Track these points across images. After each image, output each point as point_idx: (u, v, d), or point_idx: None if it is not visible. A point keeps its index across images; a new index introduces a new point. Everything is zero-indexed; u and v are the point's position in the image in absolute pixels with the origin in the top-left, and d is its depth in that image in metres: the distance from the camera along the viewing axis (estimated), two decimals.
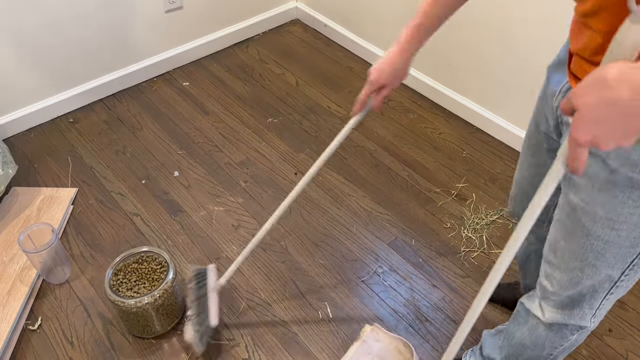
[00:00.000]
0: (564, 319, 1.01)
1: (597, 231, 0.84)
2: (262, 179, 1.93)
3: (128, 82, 2.30)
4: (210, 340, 1.46)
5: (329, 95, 2.29)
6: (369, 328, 1.39)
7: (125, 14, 2.15)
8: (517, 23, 1.79)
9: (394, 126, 2.14)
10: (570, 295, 0.97)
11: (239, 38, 2.57)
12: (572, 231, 0.88)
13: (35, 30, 1.96)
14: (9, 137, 2.09)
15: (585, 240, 0.87)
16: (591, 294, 0.95)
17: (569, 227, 0.89)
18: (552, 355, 1.14)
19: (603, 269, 0.89)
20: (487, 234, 1.75)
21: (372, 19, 2.33)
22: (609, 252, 0.86)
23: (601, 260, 0.88)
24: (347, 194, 1.89)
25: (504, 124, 2.03)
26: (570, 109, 0.62)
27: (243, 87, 2.33)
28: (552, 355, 1.14)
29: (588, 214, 0.84)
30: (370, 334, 1.37)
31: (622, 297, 1.58)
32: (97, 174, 1.95)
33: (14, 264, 1.63)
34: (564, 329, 1.04)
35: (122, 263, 1.47)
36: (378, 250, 1.71)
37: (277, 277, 1.64)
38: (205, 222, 1.79)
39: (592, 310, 0.99)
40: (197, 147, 2.06)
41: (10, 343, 1.47)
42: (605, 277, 0.91)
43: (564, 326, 1.03)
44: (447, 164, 1.99)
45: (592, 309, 0.98)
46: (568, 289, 0.95)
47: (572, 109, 0.61)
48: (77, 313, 1.56)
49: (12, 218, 1.77)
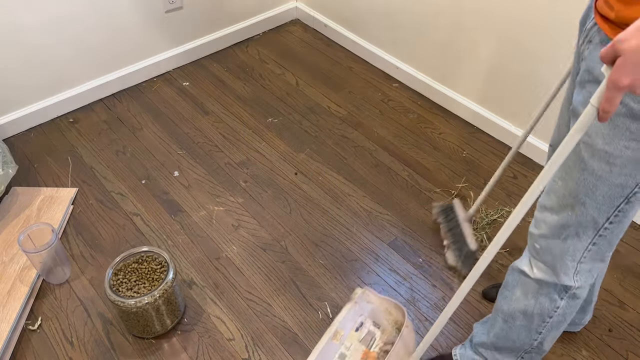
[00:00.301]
0: (549, 276, 1.06)
1: (592, 164, 0.90)
2: (262, 179, 1.93)
3: (128, 82, 2.30)
4: (473, 263, 1.54)
5: (329, 95, 2.29)
6: (360, 290, 1.43)
7: (125, 14, 2.15)
8: (517, 23, 1.79)
9: (394, 126, 2.14)
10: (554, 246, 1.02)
11: (239, 38, 2.57)
12: (570, 167, 0.94)
13: (35, 30, 1.96)
14: (9, 137, 2.09)
15: (580, 174, 0.93)
16: (574, 242, 1.00)
17: (569, 163, 0.94)
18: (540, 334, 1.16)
19: (591, 208, 0.94)
20: (487, 233, 1.75)
21: (372, 19, 2.33)
22: (599, 189, 0.92)
23: (591, 197, 0.93)
24: (347, 194, 1.89)
25: (504, 124, 2.03)
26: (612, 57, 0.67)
27: (243, 87, 2.33)
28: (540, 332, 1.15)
29: (589, 146, 0.89)
30: (362, 296, 1.41)
31: (622, 297, 1.58)
32: (97, 174, 1.95)
33: (14, 264, 1.63)
34: (552, 291, 1.08)
35: (122, 263, 1.47)
36: (378, 250, 1.71)
37: (277, 277, 1.64)
38: (205, 222, 1.79)
39: (574, 264, 1.03)
40: (197, 147, 2.06)
41: (10, 343, 1.47)
42: (591, 220, 0.96)
43: (553, 286, 1.07)
44: (447, 164, 1.99)
45: (574, 261, 1.03)
46: (555, 233, 1.01)
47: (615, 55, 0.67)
48: (77, 313, 1.56)
49: (12, 218, 1.77)
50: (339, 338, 1.35)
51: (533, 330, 1.17)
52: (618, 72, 0.67)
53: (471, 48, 1.99)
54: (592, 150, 0.89)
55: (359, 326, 1.37)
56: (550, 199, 1.01)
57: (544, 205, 1.03)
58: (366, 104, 2.24)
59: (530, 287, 1.11)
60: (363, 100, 2.26)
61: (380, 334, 1.36)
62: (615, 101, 0.69)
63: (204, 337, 1.50)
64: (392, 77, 2.36)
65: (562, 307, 1.11)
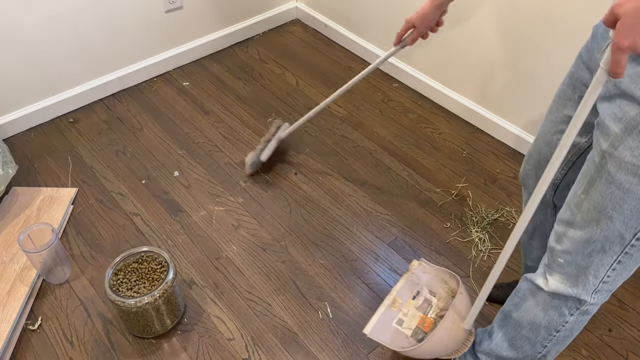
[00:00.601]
0: (566, 288, 1.04)
1: (620, 177, 0.88)
2: (262, 179, 1.93)
3: (128, 82, 2.30)
4: (257, 170, 1.93)
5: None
6: (416, 262, 1.47)
7: (125, 14, 2.15)
8: (518, 23, 1.79)
9: (394, 126, 2.14)
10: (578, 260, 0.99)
11: (239, 38, 2.57)
12: (595, 180, 0.93)
13: (35, 30, 1.96)
14: (9, 137, 2.09)
15: (607, 188, 0.91)
16: (599, 258, 0.97)
17: (593, 176, 0.93)
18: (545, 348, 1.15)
19: (618, 223, 0.92)
20: (487, 233, 1.75)
21: (373, 19, 2.33)
22: (627, 203, 0.90)
23: (618, 211, 0.91)
24: (347, 194, 1.89)
25: (504, 124, 2.03)
26: (612, 21, 0.72)
27: (243, 87, 2.33)
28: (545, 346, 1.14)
29: (615, 159, 0.88)
30: (418, 267, 1.46)
31: (622, 297, 1.58)
32: (97, 174, 1.95)
33: (14, 264, 1.63)
34: (563, 305, 1.06)
35: (122, 263, 1.47)
36: (378, 250, 1.71)
37: (277, 277, 1.64)
38: (205, 222, 1.79)
39: (595, 281, 1.01)
40: (197, 147, 2.06)
41: (10, 343, 1.47)
42: (617, 236, 0.93)
43: (565, 299, 1.05)
44: (447, 164, 1.99)
45: (596, 278, 1.00)
46: (579, 248, 0.98)
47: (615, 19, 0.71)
48: (77, 313, 1.56)
49: (12, 218, 1.77)
50: (397, 306, 1.41)
51: (538, 343, 1.15)
52: (618, 35, 0.71)
53: (471, 48, 1.99)
54: (619, 163, 0.88)
55: (415, 295, 1.42)
56: (572, 214, 0.98)
57: (566, 220, 1.00)
58: (366, 104, 2.24)
59: (542, 299, 1.09)
60: (363, 100, 2.26)
61: (437, 302, 1.41)
62: (622, 63, 0.73)
63: (204, 337, 1.50)
64: (392, 77, 2.36)
65: (571, 322, 1.09)
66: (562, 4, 1.64)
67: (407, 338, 1.35)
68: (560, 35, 1.69)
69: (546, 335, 1.12)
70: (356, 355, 1.47)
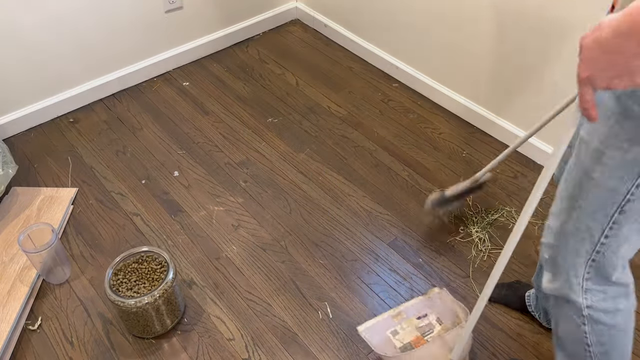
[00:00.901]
0: (555, 287, 1.03)
1: (587, 163, 0.90)
2: (262, 179, 1.93)
3: (128, 82, 2.30)
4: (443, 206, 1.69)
5: (329, 95, 2.29)
6: (437, 289, 1.46)
7: (125, 14, 2.15)
8: (518, 23, 1.79)
9: (394, 126, 2.14)
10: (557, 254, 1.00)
11: (239, 38, 2.57)
12: (572, 168, 0.94)
13: (35, 30, 1.96)
14: (9, 137, 2.09)
15: (577, 174, 0.93)
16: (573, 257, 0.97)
17: (572, 165, 0.94)
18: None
19: (585, 215, 0.93)
20: (487, 233, 1.75)
21: (372, 19, 2.33)
22: (592, 192, 0.91)
23: (585, 200, 0.92)
24: (347, 194, 1.89)
25: (504, 124, 2.03)
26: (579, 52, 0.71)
27: (243, 87, 2.33)
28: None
29: (586, 144, 0.90)
30: (436, 294, 1.46)
31: None
32: (97, 174, 1.95)
33: (14, 264, 1.63)
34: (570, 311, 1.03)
35: (122, 263, 1.47)
36: (378, 250, 1.71)
37: (277, 277, 1.64)
38: (205, 222, 1.79)
39: (577, 280, 0.99)
40: (197, 147, 2.06)
41: (10, 343, 1.47)
42: (586, 230, 0.94)
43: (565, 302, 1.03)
44: (447, 164, 1.99)
45: (577, 277, 0.99)
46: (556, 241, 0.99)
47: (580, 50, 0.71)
48: (77, 313, 1.56)
49: (12, 218, 1.77)
50: (399, 318, 1.41)
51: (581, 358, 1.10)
52: (579, 67, 0.71)
53: (471, 48, 1.99)
54: (587, 149, 0.89)
55: (422, 316, 1.43)
56: (555, 204, 1.00)
57: (551, 210, 1.02)
58: (366, 104, 2.24)
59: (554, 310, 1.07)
60: (363, 100, 2.26)
61: (439, 329, 1.41)
62: (585, 97, 0.72)
63: (204, 337, 1.50)
64: (392, 77, 2.36)
65: (590, 332, 1.04)
66: (563, 4, 1.64)
67: (395, 349, 1.36)
68: (561, 36, 1.69)
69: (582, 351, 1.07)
70: (356, 356, 1.47)
